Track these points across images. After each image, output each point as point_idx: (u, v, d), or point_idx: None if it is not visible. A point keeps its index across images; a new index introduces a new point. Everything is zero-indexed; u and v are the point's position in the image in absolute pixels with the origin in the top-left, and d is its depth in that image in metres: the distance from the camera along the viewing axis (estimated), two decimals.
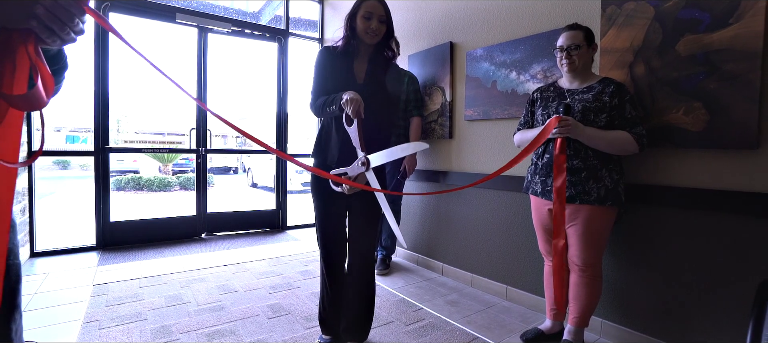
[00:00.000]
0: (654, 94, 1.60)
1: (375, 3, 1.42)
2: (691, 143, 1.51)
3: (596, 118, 1.51)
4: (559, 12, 1.96)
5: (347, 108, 1.26)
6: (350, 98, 1.26)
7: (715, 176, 1.47)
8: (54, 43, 0.63)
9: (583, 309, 1.61)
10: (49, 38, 0.61)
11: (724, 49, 1.41)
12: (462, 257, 2.55)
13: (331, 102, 1.35)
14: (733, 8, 1.39)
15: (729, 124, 1.41)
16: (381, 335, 1.78)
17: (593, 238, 1.54)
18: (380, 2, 1.43)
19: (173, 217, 3.56)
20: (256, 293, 2.26)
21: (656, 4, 1.59)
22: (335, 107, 1.33)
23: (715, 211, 1.47)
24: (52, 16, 0.59)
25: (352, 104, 1.25)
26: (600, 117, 1.50)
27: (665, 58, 1.57)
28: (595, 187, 1.50)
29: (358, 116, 1.25)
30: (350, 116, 1.26)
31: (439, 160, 2.72)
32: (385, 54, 1.52)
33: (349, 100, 1.26)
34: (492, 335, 1.81)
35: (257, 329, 1.81)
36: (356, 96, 1.26)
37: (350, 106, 1.25)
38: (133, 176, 8.99)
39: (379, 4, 1.43)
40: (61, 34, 0.62)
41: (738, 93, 1.38)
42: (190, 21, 3.47)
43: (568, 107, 1.50)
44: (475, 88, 2.39)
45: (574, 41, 1.55)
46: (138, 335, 1.72)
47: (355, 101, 1.25)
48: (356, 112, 1.25)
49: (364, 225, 1.56)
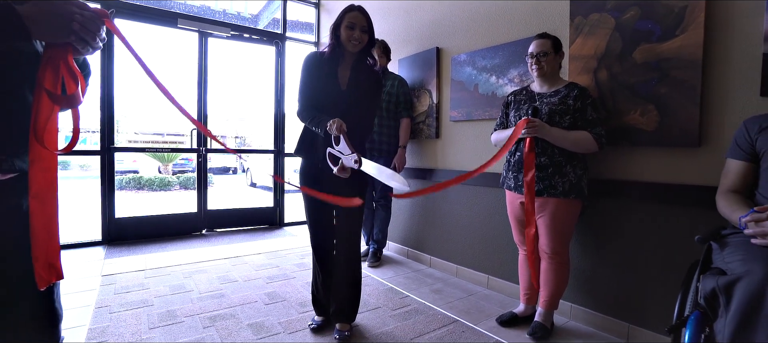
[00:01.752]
0: (615, 97, 1.77)
1: (358, 14, 1.59)
2: (646, 142, 1.67)
3: (561, 119, 1.67)
4: (533, 21, 2.13)
5: (332, 131, 1.46)
6: (332, 124, 1.46)
7: (666, 171, 1.64)
8: (85, 52, 0.77)
9: (552, 293, 1.78)
10: (83, 49, 0.75)
11: (672, 58, 1.58)
12: (447, 249, 2.71)
13: (317, 125, 1.55)
14: (679, 21, 1.56)
15: (676, 124, 1.57)
16: (368, 319, 1.95)
17: (559, 228, 1.71)
18: (363, 14, 1.60)
19: (175, 214, 3.71)
20: (254, 282, 2.42)
21: (616, 16, 1.76)
22: (321, 131, 1.53)
23: (665, 203, 1.63)
24: (85, 29, 0.73)
25: (335, 126, 1.45)
26: (564, 119, 1.67)
27: (624, 65, 1.73)
28: (561, 181, 1.66)
29: (343, 132, 1.45)
30: (336, 135, 1.46)
31: (427, 158, 2.88)
32: (366, 62, 1.69)
33: (331, 126, 1.46)
34: (470, 319, 1.97)
35: (255, 313, 1.97)
36: (337, 121, 1.46)
37: (334, 128, 1.45)
38: (133, 176, 9.14)
39: (361, 16, 1.59)
40: (92, 44, 0.76)
41: (683, 97, 1.55)
42: (191, 26, 3.63)
43: (536, 110, 1.67)
44: (460, 90, 2.55)
45: (542, 49, 1.71)
46: (146, 318, 1.88)
47: (337, 124, 1.46)
48: (340, 129, 1.45)
49: (349, 219, 1.72)
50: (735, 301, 0.86)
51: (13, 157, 0.73)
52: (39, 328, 0.82)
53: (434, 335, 1.79)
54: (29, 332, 0.80)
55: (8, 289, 0.76)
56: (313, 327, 1.80)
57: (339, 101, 1.62)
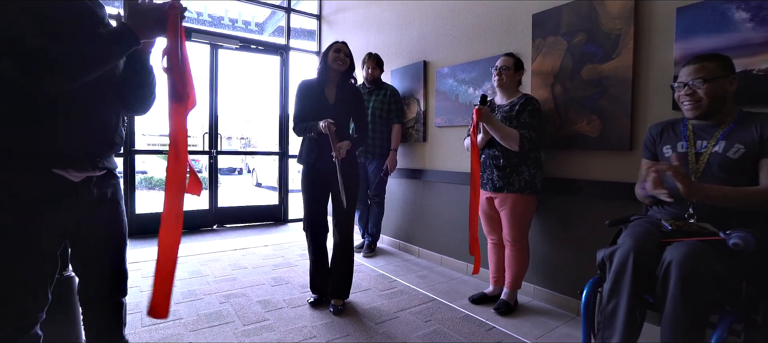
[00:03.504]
0: (567, 108, 2.08)
1: (342, 45, 2.04)
2: (592, 146, 1.98)
3: (509, 124, 1.98)
4: (505, 41, 2.45)
5: (324, 130, 1.87)
6: (324, 125, 1.86)
7: (607, 170, 1.95)
8: None
9: (515, 275, 2.09)
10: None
11: (610, 76, 1.89)
12: (434, 241, 3.03)
13: (310, 129, 1.95)
14: (615, 46, 1.87)
15: (614, 132, 1.89)
16: (360, 297, 2.27)
17: (518, 219, 2.02)
18: (345, 45, 2.05)
19: (188, 210, 4.07)
20: (261, 269, 2.76)
21: (568, 39, 2.07)
22: (314, 133, 1.94)
23: (607, 197, 1.94)
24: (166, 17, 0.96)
25: (326, 125, 1.86)
26: (512, 124, 1.97)
27: (574, 81, 2.05)
28: (517, 179, 1.98)
29: (330, 130, 1.86)
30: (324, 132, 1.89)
31: (416, 159, 3.21)
32: (349, 81, 2.09)
33: (324, 126, 1.86)
34: (447, 298, 2.29)
35: (263, 292, 2.31)
36: (326, 121, 1.87)
37: (326, 127, 1.86)
38: (145, 176, 9.54)
39: (345, 46, 2.05)
40: None
41: (619, 109, 1.86)
42: (204, 39, 3.99)
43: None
44: (443, 99, 2.88)
45: (504, 64, 2.03)
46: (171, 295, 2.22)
47: (326, 123, 1.86)
48: (328, 128, 1.86)
49: (344, 211, 2.06)
50: (612, 266, 1.17)
51: (103, 159, 1.06)
52: (113, 283, 1.15)
53: (414, 309, 2.11)
54: (107, 285, 1.13)
55: (93, 250, 1.08)
56: (311, 302, 2.13)
57: (329, 113, 1.97)
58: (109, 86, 1.03)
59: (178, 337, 1.75)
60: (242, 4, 4.43)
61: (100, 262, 1.10)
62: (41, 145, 0.89)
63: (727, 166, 1.22)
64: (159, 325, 1.86)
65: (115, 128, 1.07)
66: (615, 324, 1.14)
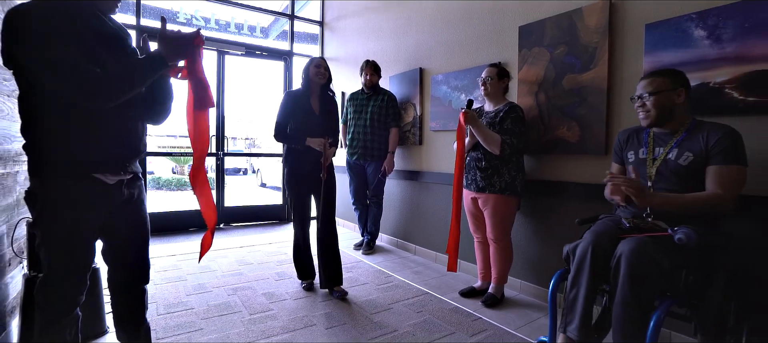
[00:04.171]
0: (550, 115, 2.23)
1: (321, 60, 2.34)
2: (572, 151, 2.14)
3: (493, 130, 2.13)
4: (493, 50, 2.61)
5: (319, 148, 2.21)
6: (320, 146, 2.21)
7: (585, 173, 2.10)
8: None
9: (500, 271, 2.25)
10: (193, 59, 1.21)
11: (588, 86, 2.04)
12: (429, 239, 3.20)
13: (296, 141, 2.24)
14: (592, 57, 2.02)
15: (591, 138, 2.04)
16: (357, 290, 2.44)
17: (500, 219, 2.18)
18: (323, 60, 2.36)
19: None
20: (266, 264, 2.93)
21: (551, 50, 2.22)
22: (301, 145, 2.25)
23: (586, 198, 2.09)
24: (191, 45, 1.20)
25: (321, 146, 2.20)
26: (495, 130, 2.13)
27: (556, 90, 2.20)
28: (498, 181, 2.14)
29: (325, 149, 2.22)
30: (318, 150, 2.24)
31: (413, 162, 3.37)
32: (328, 93, 2.37)
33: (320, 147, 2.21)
34: (439, 292, 2.45)
35: (268, 286, 2.48)
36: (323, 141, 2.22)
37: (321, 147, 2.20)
38: (152, 177, 9.78)
39: (323, 61, 2.35)
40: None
41: (595, 117, 2.01)
42: (211, 46, 4.17)
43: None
44: (438, 105, 3.04)
45: (489, 75, 2.19)
46: (183, 288, 2.40)
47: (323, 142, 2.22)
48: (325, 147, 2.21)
49: (326, 204, 2.32)
50: (574, 259, 1.33)
51: (132, 164, 1.23)
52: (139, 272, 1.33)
53: (408, 302, 2.28)
54: (134, 274, 1.31)
55: (123, 243, 1.26)
56: (304, 287, 2.42)
57: (315, 123, 2.29)
58: (136, 101, 1.21)
59: (191, 324, 1.93)
60: (248, 11, 4.61)
61: (128, 254, 1.28)
62: (86, 153, 1.07)
63: (678, 172, 1.37)
64: (173, 313, 2.04)
65: (141, 138, 1.25)
66: (575, 309, 1.30)
